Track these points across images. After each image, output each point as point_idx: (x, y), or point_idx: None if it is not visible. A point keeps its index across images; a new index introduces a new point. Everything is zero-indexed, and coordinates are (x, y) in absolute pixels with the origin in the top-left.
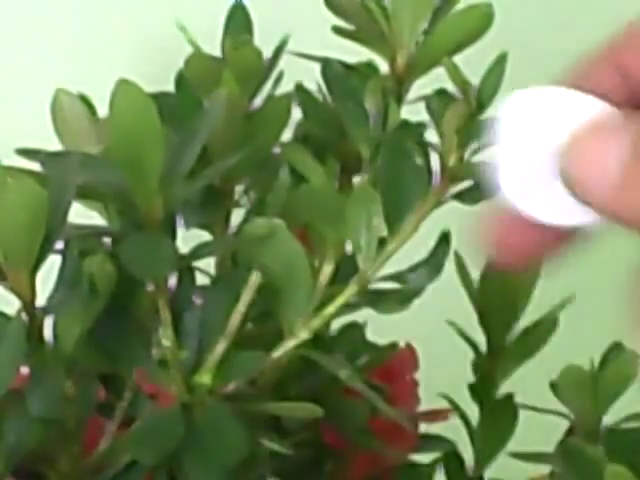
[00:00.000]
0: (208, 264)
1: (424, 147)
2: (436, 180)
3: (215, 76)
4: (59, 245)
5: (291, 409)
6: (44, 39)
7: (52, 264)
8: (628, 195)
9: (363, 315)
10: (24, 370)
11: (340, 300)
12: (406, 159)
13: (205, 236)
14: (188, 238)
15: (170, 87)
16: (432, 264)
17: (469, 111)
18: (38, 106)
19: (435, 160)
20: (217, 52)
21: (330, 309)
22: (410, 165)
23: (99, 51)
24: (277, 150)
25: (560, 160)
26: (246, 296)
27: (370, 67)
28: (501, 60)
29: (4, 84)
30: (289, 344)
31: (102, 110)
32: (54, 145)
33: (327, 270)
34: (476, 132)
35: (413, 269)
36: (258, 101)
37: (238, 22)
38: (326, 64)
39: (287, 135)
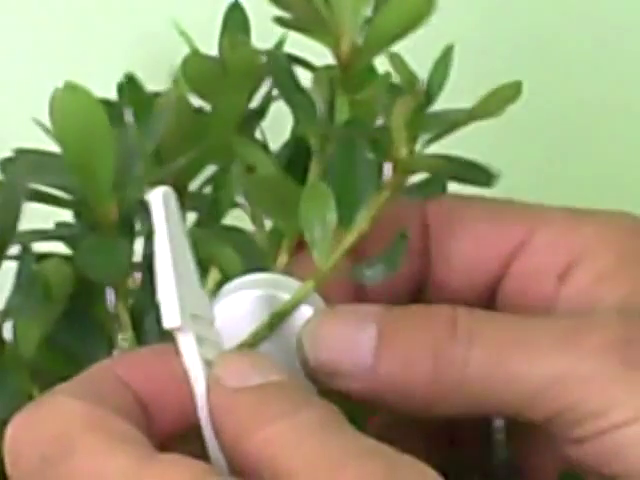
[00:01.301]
0: None
1: (373, 141)
2: (388, 174)
3: (212, 76)
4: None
5: None
6: (40, 38)
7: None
8: (382, 372)
9: None
10: None
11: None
12: (357, 153)
13: None
14: None
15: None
16: (389, 261)
17: (417, 104)
18: (35, 105)
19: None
20: (214, 52)
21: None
22: (361, 159)
23: (96, 51)
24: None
25: (305, 349)
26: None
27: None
28: (448, 51)
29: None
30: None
31: None
32: (51, 146)
33: (281, 262)
34: (425, 125)
35: (369, 265)
36: (256, 102)
37: (235, 22)
38: (272, 57)
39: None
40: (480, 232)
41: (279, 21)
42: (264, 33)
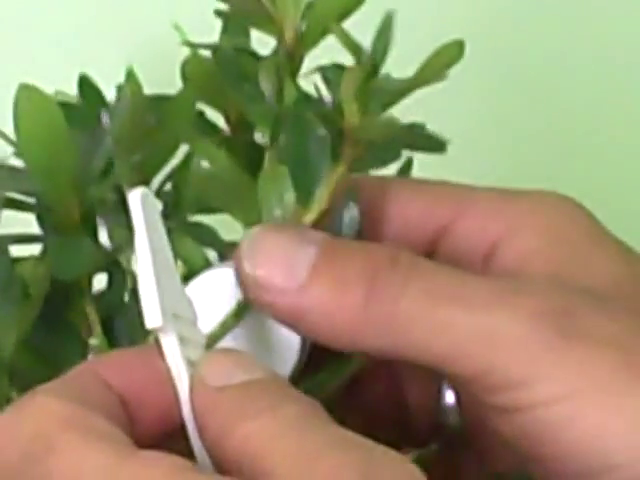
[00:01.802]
0: None
1: (324, 117)
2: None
3: (213, 78)
4: None
5: None
6: (39, 39)
7: None
8: (313, 290)
9: None
10: None
11: None
12: (308, 131)
13: None
14: None
15: (166, 89)
16: None
17: (365, 74)
18: None
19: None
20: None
21: None
22: (313, 136)
23: (95, 52)
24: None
25: (241, 255)
26: None
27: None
28: (389, 20)
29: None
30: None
31: None
32: None
33: None
34: (373, 94)
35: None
36: None
37: (235, 24)
38: (216, 50)
39: None
40: (409, 213)
41: (219, 14)
42: (262, 39)
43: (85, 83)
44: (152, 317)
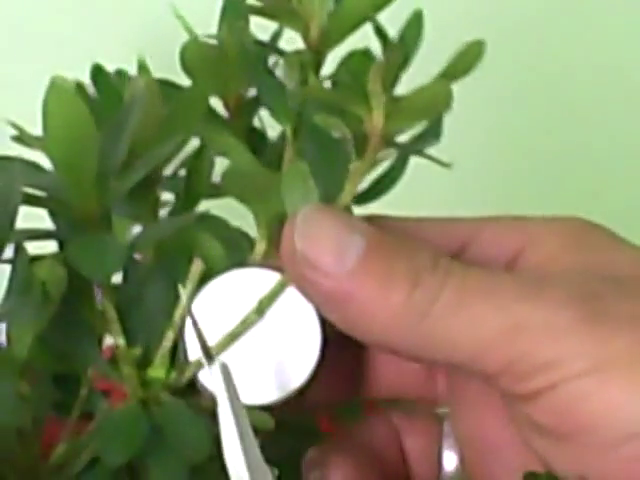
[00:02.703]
0: None
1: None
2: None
3: (211, 63)
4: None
5: None
6: (38, 28)
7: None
8: (359, 278)
9: None
10: None
11: (287, 277)
12: (329, 130)
13: None
14: None
15: (166, 74)
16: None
17: (395, 65)
18: (34, 95)
19: None
20: (213, 41)
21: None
22: (335, 135)
23: (95, 39)
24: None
25: (295, 232)
26: (189, 285)
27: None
28: (418, 16)
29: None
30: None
31: None
32: None
33: (260, 248)
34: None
35: None
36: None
37: (234, 9)
38: (242, 44)
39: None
40: (430, 234)
41: (250, 9)
42: (263, 21)
43: (99, 73)
44: None
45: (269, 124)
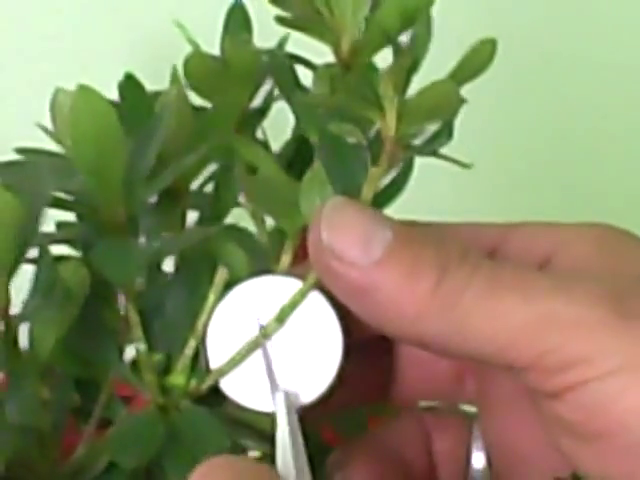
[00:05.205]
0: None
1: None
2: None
3: (214, 75)
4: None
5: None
6: (41, 37)
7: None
8: (386, 269)
9: None
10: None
11: (307, 285)
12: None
13: None
14: None
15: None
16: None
17: (407, 66)
18: (35, 105)
19: None
20: (216, 51)
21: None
22: (351, 143)
23: (97, 50)
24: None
25: (321, 223)
26: (213, 293)
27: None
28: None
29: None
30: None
31: None
32: (51, 146)
33: (285, 260)
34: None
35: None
36: (258, 101)
37: (237, 21)
38: (272, 56)
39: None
40: (462, 234)
41: (280, 20)
42: (266, 33)
43: (128, 82)
44: None
45: (272, 136)
